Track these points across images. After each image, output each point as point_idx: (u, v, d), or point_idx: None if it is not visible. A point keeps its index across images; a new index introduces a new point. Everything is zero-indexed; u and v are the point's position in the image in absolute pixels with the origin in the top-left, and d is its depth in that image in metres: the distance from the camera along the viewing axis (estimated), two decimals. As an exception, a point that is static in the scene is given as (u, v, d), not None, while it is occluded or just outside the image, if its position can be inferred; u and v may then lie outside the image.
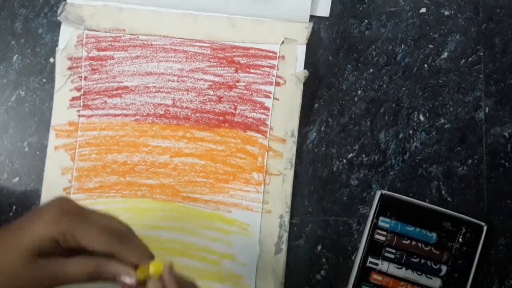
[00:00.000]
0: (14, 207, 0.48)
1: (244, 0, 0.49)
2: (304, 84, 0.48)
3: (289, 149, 0.48)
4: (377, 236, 0.47)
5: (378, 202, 0.47)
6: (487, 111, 0.49)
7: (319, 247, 0.48)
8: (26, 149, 0.48)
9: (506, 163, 0.49)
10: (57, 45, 0.48)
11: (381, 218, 0.47)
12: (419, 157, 0.49)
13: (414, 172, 0.49)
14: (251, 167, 0.48)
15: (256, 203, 0.48)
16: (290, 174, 0.48)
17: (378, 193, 0.47)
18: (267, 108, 0.48)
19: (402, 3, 0.50)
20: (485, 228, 0.46)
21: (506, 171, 0.49)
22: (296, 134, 0.48)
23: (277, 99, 0.48)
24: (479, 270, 0.48)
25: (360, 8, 0.50)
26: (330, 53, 0.49)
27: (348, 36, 0.50)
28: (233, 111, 0.48)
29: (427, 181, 0.48)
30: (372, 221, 0.47)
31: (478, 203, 0.48)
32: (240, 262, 0.47)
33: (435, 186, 0.48)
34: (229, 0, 0.49)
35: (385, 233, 0.47)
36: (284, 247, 0.47)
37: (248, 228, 0.47)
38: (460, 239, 0.47)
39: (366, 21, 0.50)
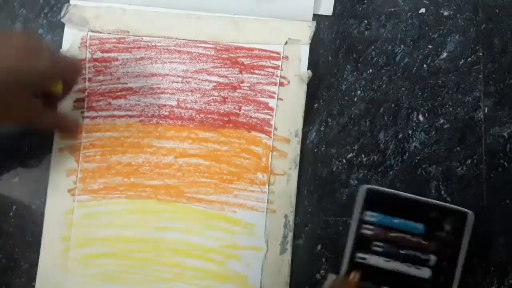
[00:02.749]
0: (14, 207, 0.48)
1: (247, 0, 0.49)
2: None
3: (293, 149, 0.48)
4: (364, 231, 0.47)
5: (363, 197, 0.47)
6: (486, 111, 0.49)
7: (319, 247, 0.48)
8: (26, 149, 0.48)
9: (506, 163, 0.49)
10: (57, 45, 0.49)
11: (367, 212, 0.47)
12: (418, 157, 0.49)
13: (414, 172, 0.49)
14: (255, 167, 0.48)
15: (261, 203, 0.48)
16: (294, 174, 0.48)
17: (363, 188, 0.47)
18: (271, 108, 0.48)
19: (402, 4, 0.50)
20: (469, 215, 0.46)
21: (505, 171, 0.49)
22: (300, 134, 0.48)
23: (281, 99, 0.48)
24: (478, 270, 0.48)
25: (360, 9, 0.50)
26: (330, 53, 0.50)
27: (348, 37, 0.50)
28: (238, 112, 0.48)
29: (427, 181, 0.49)
30: (358, 216, 0.46)
31: (477, 203, 0.48)
32: (245, 262, 0.47)
33: (435, 186, 0.48)
34: (232, 0, 0.49)
35: (372, 227, 0.47)
36: (289, 246, 0.47)
37: (253, 228, 0.47)
38: (447, 228, 0.47)
39: (366, 21, 0.50)
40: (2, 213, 0.48)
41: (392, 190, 0.47)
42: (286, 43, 0.48)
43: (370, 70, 0.49)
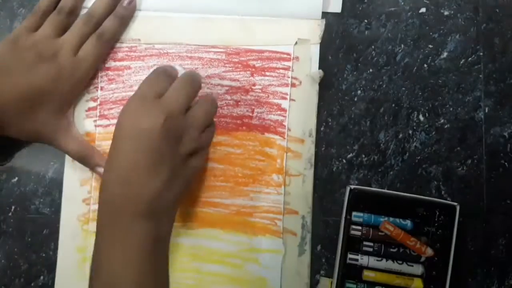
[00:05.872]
0: (13, 207, 0.48)
1: (255, -1, 0.49)
2: (304, 84, 0.48)
3: (308, 149, 0.48)
4: (352, 232, 0.47)
5: (348, 198, 0.46)
6: (486, 111, 0.49)
7: (319, 247, 0.48)
8: (25, 149, 0.48)
9: (506, 163, 0.49)
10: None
11: (353, 213, 0.47)
12: (418, 157, 0.49)
13: (414, 172, 0.49)
14: (270, 169, 0.48)
15: (278, 205, 0.47)
16: (310, 174, 0.48)
17: (348, 189, 0.47)
18: (284, 110, 0.48)
19: (402, 3, 0.50)
20: (457, 208, 0.46)
21: (506, 171, 0.49)
22: (314, 133, 0.48)
23: (294, 100, 0.48)
24: (478, 270, 0.48)
25: (360, 8, 0.50)
26: (330, 53, 0.49)
27: (348, 36, 0.50)
28: (250, 114, 0.48)
29: (427, 181, 0.48)
30: (345, 217, 0.46)
31: (478, 203, 0.48)
32: (265, 266, 0.47)
33: (435, 186, 0.48)
34: (239, 0, 0.49)
35: (359, 227, 0.47)
36: (307, 247, 0.47)
37: (271, 231, 0.47)
38: (435, 223, 0.47)
39: (366, 21, 0.50)
40: (1, 213, 0.48)
41: (377, 189, 0.47)
42: (296, 43, 0.48)
43: (370, 70, 0.49)
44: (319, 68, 0.49)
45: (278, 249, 0.47)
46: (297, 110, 0.48)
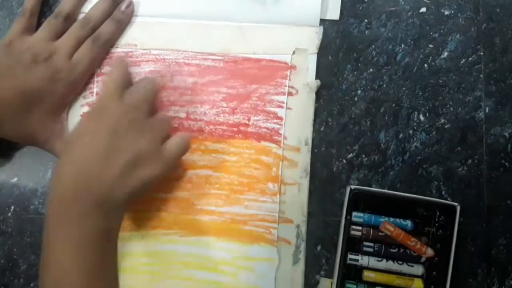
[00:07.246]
0: (12, 207, 0.48)
1: (253, 5, 0.48)
2: (304, 84, 0.48)
3: (304, 158, 0.48)
4: (353, 232, 0.46)
5: (348, 198, 0.46)
6: (487, 111, 0.49)
7: (319, 247, 0.48)
8: (25, 149, 0.48)
9: (506, 163, 0.49)
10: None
11: (354, 213, 0.47)
12: (419, 157, 0.49)
13: (414, 173, 0.48)
14: (266, 177, 0.47)
15: (272, 213, 0.47)
16: (305, 182, 0.48)
17: (348, 189, 0.46)
18: (280, 118, 0.48)
19: (402, 3, 0.50)
20: (458, 208, 0.46)
21: (506, 171, 0.49)
22: (310, 142, 0.48)
23: (290, 109, 0.48)
24: (479, 270, 0.48)
25: (360, 8, 0.50)
26: (330, 53, 0.49)
27: (348, 36, 0.50)
28: (247, 122, 0.48)
29: (427, 181, 0.48)
30: (345, 217, 0.46)
31: (478, 203, 0.48)
32: (259, 274, 0.47)
33: (435, 186, 0.48)
34: (237, 6, 0.48)
35: (360, 227, 0.46)
36: (302, 256, 0.47)
37: (265, 239, 0.47)
38: (436, 223, 0.47)
39: (366, 20, 0.50)
40: (0, 213, 0.48)
41: (377, 189, 0.47)
42: (293, 53, 0.48)
43: (371, 70, 0.49)
44: (320, 70, 0.49)
45: (272, 257, 0.47)
46: (294, 119, 0.48)
